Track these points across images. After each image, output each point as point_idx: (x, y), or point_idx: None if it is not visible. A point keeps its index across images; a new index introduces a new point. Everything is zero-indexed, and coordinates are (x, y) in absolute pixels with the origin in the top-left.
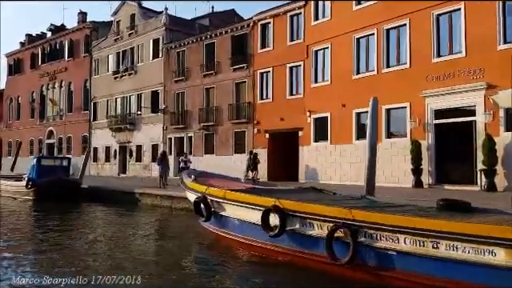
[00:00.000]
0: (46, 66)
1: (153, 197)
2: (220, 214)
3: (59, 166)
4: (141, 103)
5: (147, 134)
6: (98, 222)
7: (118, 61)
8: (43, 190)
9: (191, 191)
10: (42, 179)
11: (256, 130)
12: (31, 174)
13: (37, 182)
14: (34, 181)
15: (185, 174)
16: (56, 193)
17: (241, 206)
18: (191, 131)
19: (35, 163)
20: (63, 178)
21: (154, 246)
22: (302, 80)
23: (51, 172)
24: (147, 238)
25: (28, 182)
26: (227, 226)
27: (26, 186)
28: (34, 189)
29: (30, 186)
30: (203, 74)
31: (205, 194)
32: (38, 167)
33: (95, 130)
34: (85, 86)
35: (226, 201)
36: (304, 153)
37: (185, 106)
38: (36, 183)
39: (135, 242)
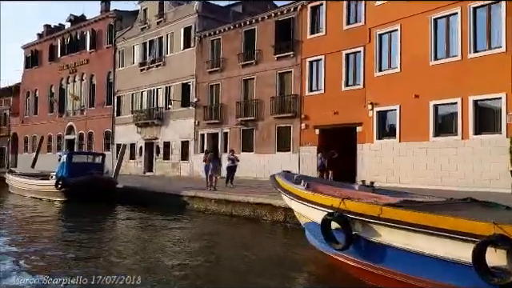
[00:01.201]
0: (65, 58)
1: (206, 201)
2: (372, 242)
3: (92, 163)
4: (170, 97)
5: (176, 130)
6: (149, 233)
7: (145, 51)
8: (75, 191)
9: (309, 204)
10: (73, 178)
11: (304, 125)
12: (61, 171)
13: (68, 181)
14: (64, 180)
15: (282, 178)
16: (90, 193)
17: (420, 231)
18: (227, 127)
19: (65, 160)
20: (98, 177)
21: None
22: (362, 68)
23: (84, 170)
24: (235, 269)
25: (58, 181)
26: (387, 262)
27: (55, 185)
28: (66, 189)
29: (61, 186)
30: (241, 64)
31: (340, 209)
32: (69, 164)
33: (119, 125)
34: (108, 78)
35: (385, 222)
36: (364, 151)
37: (220, 100)
38: (67, 183)
39: (215, 270)
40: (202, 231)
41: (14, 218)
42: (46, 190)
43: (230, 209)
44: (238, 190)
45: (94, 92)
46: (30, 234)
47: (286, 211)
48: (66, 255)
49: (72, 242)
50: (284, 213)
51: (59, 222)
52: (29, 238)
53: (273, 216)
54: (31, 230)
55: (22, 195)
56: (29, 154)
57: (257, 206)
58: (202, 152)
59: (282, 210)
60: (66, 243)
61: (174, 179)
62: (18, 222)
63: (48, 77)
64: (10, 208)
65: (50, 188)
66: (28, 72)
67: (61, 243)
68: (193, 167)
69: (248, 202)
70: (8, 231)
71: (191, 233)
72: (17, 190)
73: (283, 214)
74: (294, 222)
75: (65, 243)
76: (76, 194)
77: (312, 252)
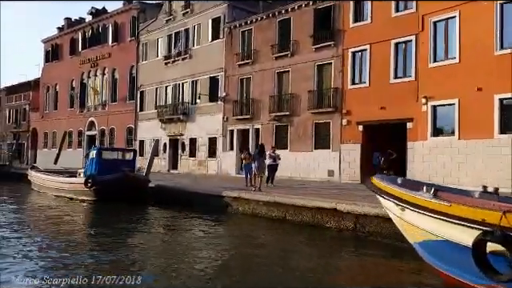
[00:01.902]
0: (86, 52)
1: (253, 203)
2: None
3: (123, 159)
4: (196, 91)
5: (203, 126)
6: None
7: (170, 44)
8: (106, 190)
9: (443, 218)
10: (104, 176)
11: (345, 121)
12: (90, 169)
13: (99, 179)
14: (95, 178)
15: (385, 181)
16: (121, 193)
17: None
18: (258, 122)
19: (95, 156)
20: (130, 175)
21: None
22: (414, 59)
23: (114, 167)
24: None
25: (88, 179)
26: None
27: (84, 183)
28: (96, 187)
29: (91, 185)
30: (275, 56)
31: (501, 226)
32: (99, 161)
33: (142, 121)
34: (130, 72)
35: None
36: (416, 149)
37: (251, 94)
38: (98, 181)
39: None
40: (253, 239)
41: (37, 219)
42: (73, 188)
43: (283, 213)
44: (282, 190)
45: (116, 86)
46: (54, 235)
47: (357, 218)
48: (90, 261)
49: (101, 246)
50: (354, 220)
51: (87, 224)
52: (50, 240)
53: (339, 223)
54: (55, 231)
55: (45, 193)
56: (48, 150)
57: (318, 210)
58: (231, 149)
59: (351, 217)
60: (94, 247)
61: (201, 178)
62: (41, 223)
63: (68, 71)
64: (34, 207)
65: (79, 186)
66: (48, 66)
67: (87, 248)
68: (221, 165)
69: (306, 205)
70: (29, 233)
71: (239, 241)
72: (40, 187)
73: (353, 221)
74: (368, 231)
75: (92, 248)
76: (107, 193)
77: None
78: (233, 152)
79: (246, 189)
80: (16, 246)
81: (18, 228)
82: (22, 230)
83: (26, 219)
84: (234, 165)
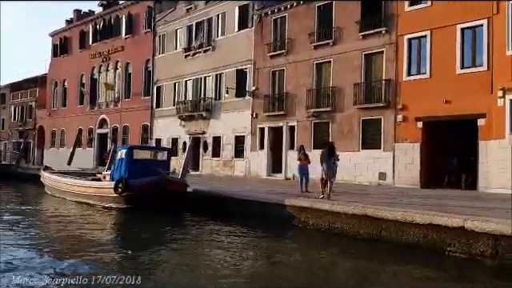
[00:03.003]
0: (98, 46)
1: (329, 216)
2: None
3: (156, 160)
4: (221, 85)
5: (229, 124)
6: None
7: (190, 35)
8: (141, 196)
9: None
10: (138, 180)
11: (401, 117)
12: (118, 171)
13: (132, 183)
14: (127, 182)
15: None
16: (159, 200)
17: None
18: (293, 119)
19: (125, 156)
20: (168, 179)
21: None
22: (486, 46)
23: (147, 169)
24: None
25: (118, 183)
26: None
27: (114, 188)
28: (128, 193)
29: (122, 190)
30: (314, 46)
31: None
32: (130, 162)
33: (158, 118)
34: (146, 67)
35: None
36: (489, 150)
37: (284, 87)
38: (131, 186)
39: None
40: (349, 273)
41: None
42: (99, 193)
43: (377, 230)
44: (344, 197)
45: (130, 82)
46: (83, 256)
47: (497, 241)
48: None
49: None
50: (493, 243)
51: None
52: (78, 267)
53: (468, 247)
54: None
55: (62, 198)
56: (56, 149)
57: (433, 228)
58: (262, 148)
59: (486, 239)
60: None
61: (229, 180)
62: (66, 241)
63: (78, 66)
64: (50, 216)
65: (106, 192)
66: (56, 61)
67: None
68: (249, 166)
69: (415, 221)
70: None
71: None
72: (55, 191)
73: (490, 244)
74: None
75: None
76: (140, 200)
77: None
78: (263, 151)
79: (304, 195)
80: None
81: (36, 247)
82: (42, 252)
83: (45, 234)
84: (264, 165)
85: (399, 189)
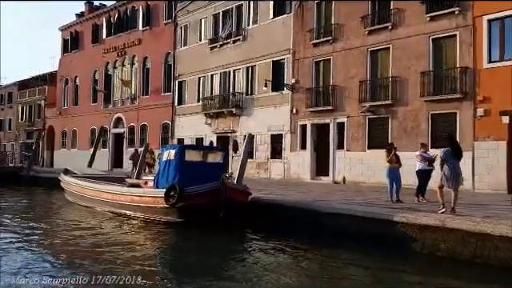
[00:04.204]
0: (112, 40)
1: (472, 237)
2: None
3: (210, 162)
4: (253, 78)
5: (263, 121)
6: None
7: (217, 25)
8: (198, 207)
9: None
10: (194, 187)
11: (481, 110)
12: (165, 176)
13: (188, 191)
14: (182, 190)
15: None
16: (220, 211)
17: None
18: (343, 115)
19: (174, 157)
20: (231, 186)
21: None
22: None
23: (201, 174)
24: None
25: (170, 191)
26: None
27: (165, 197)
28: (183, 204)
29: (177, 199)
30: (367, 31)
31: None
32: (181, 165)
33: (180, 116)
34: (166, 61)
35: None
36: None
37: (331, 79)
38: (186, 194)
39: None
40: None
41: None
42: (142, 203)
43: None
44: (467, 210)
45: (149, 77)
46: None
47: None
48: None
49: None
50: None
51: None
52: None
53: None
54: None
55: (90, 207)
56: (67, 151)
57: None
58: (303, 148)
59: None
60: None
61: (269, 183)
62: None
63: (90, 61)
64: (79, 233)
65: (152, 201)
66: (66, 57)
67: None
68: (289, 168)
69: None
70: None
71: None
72: (80, 198)
73: None
74: None
75: None
76: (198, 212)
77: None
78: (306, 152)
79: (395, 206)
80: None
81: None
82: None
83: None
84: (307, 167)
85: (484, 195)
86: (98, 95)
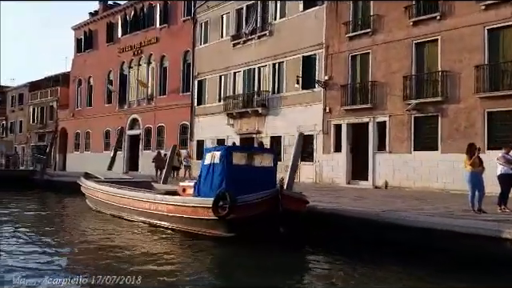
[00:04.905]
0: (127, 38)
1: None
2: None
3: (259, 166)
4: (280, 76)
5: (292, 121)
6: None
7: (239, 20)
8: (252, 219)
9: None
10: (248, 196)
11: None
12: (208, 182)
13: (242, 200)
14: (234, 199)
15: None
16: (276, 224)
17: None
18: (384, 113)
19: (220, 161)
20: (288, 194)
21: None
22: None
23: (252, 180)
24: None
25: (219, 200)
26: None
27: (214, 208)
28: (235, 216)
29: (229, 211)
30: (412, 22)
31: None
32: (229, 169)
33: (200, 116)
34: (184, 59)
35: None
36: None
37: (370, 75)
38: (239, 204)
39: None
40: None
41: None
42: (184, 214)
43: None
44: None
45: (166, 77)
46: None
47: None
48: None
49: None
50: None
51: None
52: None
53: None
54: None
55: (117, 216)
56: (80, 153)
57: None
58: (338, 150)
59: None
60: None
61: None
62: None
63: (105, 61)
64: (108, 245)
65: (198, 212)
66: (80, 57)
67: None
68: (321, 171)
69: None
70: None
71: None
72: (103, 205)
73: None
74: None
75: None
76: (252, 224)
77: None
78: (341, 154)
79: (483, 217)
80: None
81: None
82: None
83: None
84: (343, 171)
85: None
86: (113, 96)
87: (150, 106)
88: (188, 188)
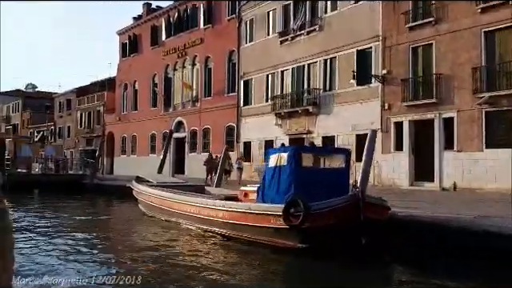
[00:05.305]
0: (172, 41)
1: None
2: None
3: (330, 168)
4: (332, 72)
5: (346, 119)
6: None
7: (287, 16)
8: (328, 229)
9: None
10: (320, 202)
11: None
12: (274, 186)
13: (317, 207)
14: (308, 206)
15: None
16: (354, 235)
17: None
18: (452, 109)
19: (288, 162)
20: (367, 200)
21: None
22: None
23: (323, 184)
24: None
25: (290, 207)
26: None
27: (285, 216)
28: (309, 224)
29: (302, 219)
30: (481, 8)
31: None
32: (298, 173)
33: (246, 117)
34: (230, 59)
35: None
36: None
37: (433, 67)
38: (314, 212)
39: None
40: None
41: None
42: (250, 221)
43: None
44: None
45: (211, 78)
46: None
47: None
48: None
49: None
50: None
51: None
52: None
53: None
54: None
55: (172, 222)
56: (127, 157)
57: None
58: (400, 150)
59: None
60: None
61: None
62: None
63: (150, 65)
64: (166, 253)
65: (265, 220)
66: (125, 62)
67: None
68: (380, 172)
69: None
70: None
71: None
72: (159, 211)
73: None
74: None
75: None
76: (329, 235)
77: None
78: (402, 153)
79: None
80: None
81: None
82: None
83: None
84: (405, 172)
85: None
86: (158, 99)
87: (195, 109)
88: (250, 193)
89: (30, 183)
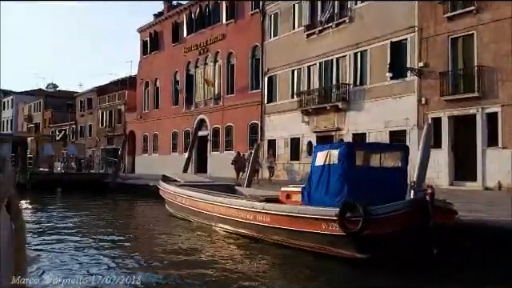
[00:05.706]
0: (193, 37)
1: None
2: None
3: (388, 167)
4: (363, 66)
5: (378, 115)
6: None
7: (314, 9)
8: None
9: None
10: (381, 206)
11: None
12: (323, 187)
13: (377, 212)
14: (368, 210)
15: None
16: (424, 244)
17: None
18: (495, 103)
19: (339, 161)
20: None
21: None
22: None
23: (378, 185)
24: None
25: (346, 211)
26: None
27: (340, 221)
28: (370, 232)
29: (362, 226)
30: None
31: None
32: (352, 172)
33: (271, 115)
34: (253, 55)
35: None
36: None
37: (475, 59)
38: (375, 217)
39: None
40: None
41: None
42: (298, 226)
43: None
44: None
45: (234, 74)
46: None
47: None
48: None
49: None
50: None
51: None
52: None
53: None
54: None
55: (204, 224)
56: (149, 156)
57: None
58: (437, 147)
59: None
60: None
61: None
62: None
63: (171, 62)
64: (204, 260)
65: (316, 226)
66: (146, 59)
67: None
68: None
69: None
70: None
71: None
72: (189, 212)
73: None
74: None
75: None
76: (392, 243)
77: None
78: (441, 151)
79: None
80: None
81: None
82: None
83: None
84: (444, 170)
85: None
86: (180, 97)
87: (217, 106)
88: (293, 194)
89: (52, 182)
